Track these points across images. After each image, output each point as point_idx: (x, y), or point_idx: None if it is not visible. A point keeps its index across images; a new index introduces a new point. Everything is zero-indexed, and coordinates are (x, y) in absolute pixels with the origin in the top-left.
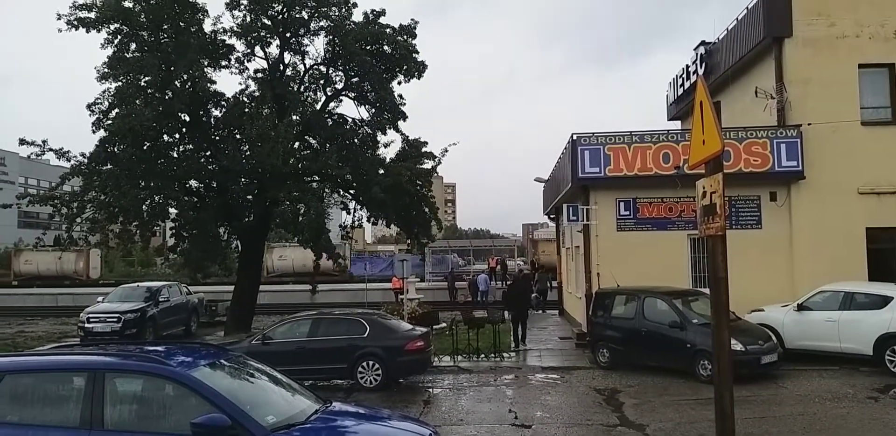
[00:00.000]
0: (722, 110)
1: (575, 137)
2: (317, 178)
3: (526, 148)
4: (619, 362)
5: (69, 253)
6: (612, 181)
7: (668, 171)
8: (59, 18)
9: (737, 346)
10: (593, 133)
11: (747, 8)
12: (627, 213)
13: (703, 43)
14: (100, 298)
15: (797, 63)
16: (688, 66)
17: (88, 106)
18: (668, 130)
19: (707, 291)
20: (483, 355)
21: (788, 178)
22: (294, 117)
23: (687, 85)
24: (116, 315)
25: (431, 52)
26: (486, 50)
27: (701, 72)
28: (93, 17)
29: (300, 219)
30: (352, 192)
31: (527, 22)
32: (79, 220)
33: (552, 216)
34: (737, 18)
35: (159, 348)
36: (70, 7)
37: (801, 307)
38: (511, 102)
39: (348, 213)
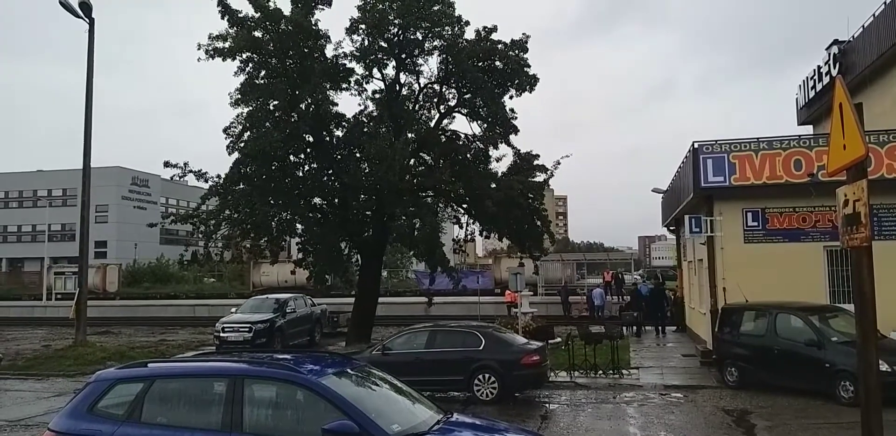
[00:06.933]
0: None
1: (696, 145)
2: (431, 193)
3: (649, 159)
4: (749, 381)
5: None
6: (737, 191)
7: (800, 178)
8: (198, 48)
9: (883, 366)
10: (716, 141)
11: (885, 2)
12: (755, 224)
13: (835, 42)
14: (233, 309)
15: None
16: (819, 68)
17: (224, 130)
18: (799, 136)
19: (846, 307)
20: (601, 372)
21: None
22: (409, 135)
23: (819, 87)
24: (248, 325)
25: (591, 64)
26: (638, 63)
27: (835, 72)
28: (227, 46)
29: (416, 233)
30: (464, 206)
31: (681, 36)
32: (214, 236)
33: (671, 228)
34: (873, 14)
35: (289, 357)
36: (208, 38)
37: None
38: (647, 112)
39: (461, 227)
